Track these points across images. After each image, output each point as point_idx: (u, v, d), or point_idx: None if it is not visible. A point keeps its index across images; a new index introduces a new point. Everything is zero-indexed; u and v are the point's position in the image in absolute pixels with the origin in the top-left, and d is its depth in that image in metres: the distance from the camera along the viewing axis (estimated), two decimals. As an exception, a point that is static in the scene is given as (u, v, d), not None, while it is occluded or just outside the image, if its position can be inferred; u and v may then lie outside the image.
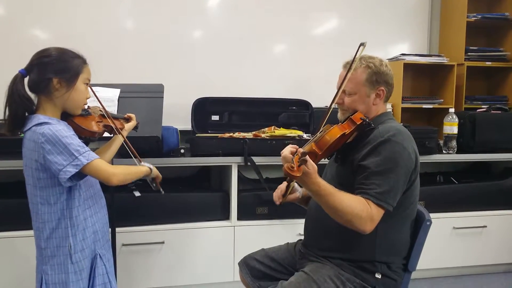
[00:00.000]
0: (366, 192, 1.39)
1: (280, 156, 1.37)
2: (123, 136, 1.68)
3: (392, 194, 1.39)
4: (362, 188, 1.40)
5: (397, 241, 1.53)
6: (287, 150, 1.36)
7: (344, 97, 1.57)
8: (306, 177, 1.31)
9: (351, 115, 1.50)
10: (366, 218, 1.35)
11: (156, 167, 1.70)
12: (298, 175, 1.24)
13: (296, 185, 1.69)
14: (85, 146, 1.41)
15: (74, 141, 1.38)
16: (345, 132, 1.44)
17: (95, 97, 1.59)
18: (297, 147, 1.37)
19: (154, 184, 1.72)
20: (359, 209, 1.34)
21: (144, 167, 1.62)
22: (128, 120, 1.81)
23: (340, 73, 1.61)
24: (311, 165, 1.31)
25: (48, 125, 1.38)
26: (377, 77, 1.53)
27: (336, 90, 1.58)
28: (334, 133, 1.42)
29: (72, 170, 1.35)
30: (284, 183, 1.65)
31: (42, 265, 1.47)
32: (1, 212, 2.26)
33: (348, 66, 1.53)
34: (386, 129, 1.47)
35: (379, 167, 1.40)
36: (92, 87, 1.57)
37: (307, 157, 1.28)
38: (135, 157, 1.66)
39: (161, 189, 1.75)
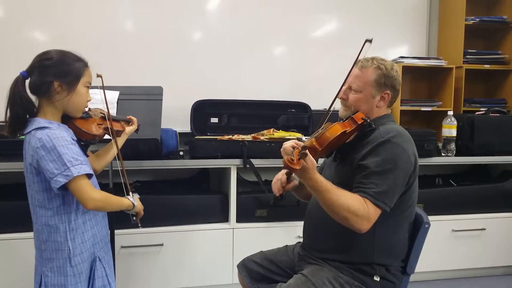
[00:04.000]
0: (364, 191, 1.39)
1: (279, 158, 1.37)
2: (117, 146, 1.66)
3: (389, 195, 1.40)
4: (361, 187, 1.41)
5: (396, 243, 1.53)
6: (288, 144, 1.40)
7: (349, 93, 1.57)
8: (304, 171, 1.32)
9: (352, 114, 1.51)
10: (362, 217, 1.35)
11: (155, 170, 1.69)
12: (297, 168, 1.25)
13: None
14: (79, 158, 1.38)
15: (69, 151, 1.36)
16: (346, 130, 1.45)
17: (104, 100, 1.59)
18: (299, 142, 1.39)
19: (134, 218, 1.65)
20: (356, 207, 1.35)
21: (126, 201, 1.56)
22: (129, 122, 1.80)
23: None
24: (310, 161, 1.31)
25: (47, 130, 1.37)
26: (385, 80, 1.53)
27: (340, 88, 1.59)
28: (335, 130, 1.43)
29: (62, 181, 1.34)
30: (282, 173, 1.62)
31: (42, 267, 1.47)
32: (1, 214, 2.25)
33: (360, 64, 1.54)
34: (387, 130, 1.47)
35: (378, 167, 1.40)
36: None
37: (307, 151, 1.29)
38: (128, 193, 1.62)
39: (139, 224, 1.66)
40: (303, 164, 1.29)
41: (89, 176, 1.40)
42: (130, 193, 1.63)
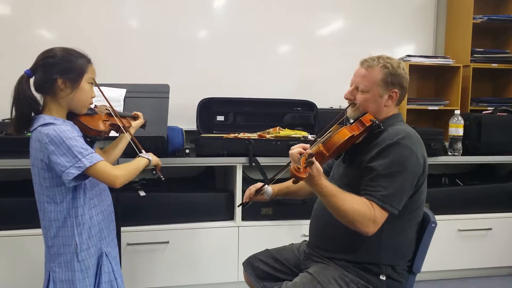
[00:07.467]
0: (371, 194, 1.39)
1: (285, 156, 1.37)
2: (130, 134, 1.68)
3: (397, 198, 1.39)
4: (368, 190, 1.40)
5: (403, 244, 1.52)
6: (295, 150, 1.36)
7: (357, 93, 1.56)
8: (310, 178, 1.32)
9: (361, 116, 1.50)
10: (368, 220, 1.35)
11: (161, 167, 1.70)
12: (304, 176, 1.24)
13: (266, 189, 1.71)
14: (88, 148, 1.41)
15: (78, 143, 1.38)
16: (354, 134, 1.43)
17: (103, 96, 1.60)
18: (307, 147, 1.37)
19: (154, 172, 1.70)
20: (362, 211, 1.34)
21: (142, 161, 1.59)
22: (135, 118, 1.81)
23: (355, 70, 1.59)
24: (316, 168, 1.31)
25: (53, 126, 1.38)
26: (392, 79, 1.52)
27: (348, 87, 1.59)
28: (342, 135, 1.41)
29: (75, 172, 1.36)
30: (258, 184, 1.70)
31: (50, 263, 1.49)
32: (9, 210, 2.27)
33: (366, 64, 1.53)
34: (396, 131, 1.46)
35: (386, 169, 1.39)
36: (96, 88, 1.58)
37: (314, 159, 1.28)
38: (140, 152, 1.65)
39: (162, 176, 1.71)
40: (309, 171, 1.29)
41: None
42: (143, 150, 1.64)
